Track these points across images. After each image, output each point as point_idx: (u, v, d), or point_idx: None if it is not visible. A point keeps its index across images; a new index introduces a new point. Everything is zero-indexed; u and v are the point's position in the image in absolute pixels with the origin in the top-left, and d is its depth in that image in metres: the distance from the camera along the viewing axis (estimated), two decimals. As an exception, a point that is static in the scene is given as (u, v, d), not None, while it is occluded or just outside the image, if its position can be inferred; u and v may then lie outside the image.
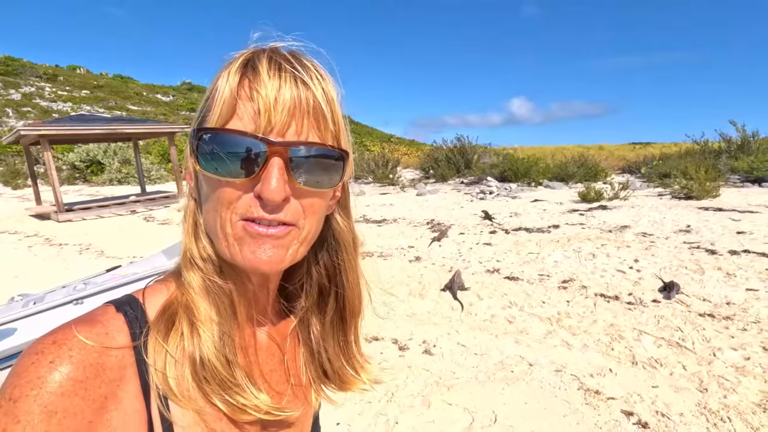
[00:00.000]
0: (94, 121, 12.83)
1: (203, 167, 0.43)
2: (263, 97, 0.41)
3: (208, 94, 0.46)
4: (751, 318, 3.43)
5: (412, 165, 21.80)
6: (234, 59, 0.44)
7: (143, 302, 0.47)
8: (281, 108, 0.41)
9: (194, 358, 0.44)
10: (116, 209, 11.90)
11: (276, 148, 0.41)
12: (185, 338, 0.44)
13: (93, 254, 7.03)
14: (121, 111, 39.74)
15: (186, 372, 0.44)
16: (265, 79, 0.41)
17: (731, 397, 2.45)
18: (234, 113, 0.42)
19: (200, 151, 0.43)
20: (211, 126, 0.43)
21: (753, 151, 13.25)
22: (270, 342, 0.57)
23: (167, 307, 0.47)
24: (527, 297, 4.15)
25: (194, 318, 0.45)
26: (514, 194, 11.59)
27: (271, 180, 0.41)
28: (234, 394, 0.45)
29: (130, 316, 0.44)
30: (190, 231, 0.49)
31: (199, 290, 0.47)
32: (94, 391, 0.38)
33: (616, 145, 33.17)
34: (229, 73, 0.43)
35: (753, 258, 4.93)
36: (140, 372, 0.42)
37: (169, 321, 0.45)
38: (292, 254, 0.46)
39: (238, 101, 0.42)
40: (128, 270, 3.29)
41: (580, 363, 2.90)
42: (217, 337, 0.45)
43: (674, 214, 7.91)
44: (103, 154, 23.34)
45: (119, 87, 49.85)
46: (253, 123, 0.42)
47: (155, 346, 0.43)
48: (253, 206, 0.43)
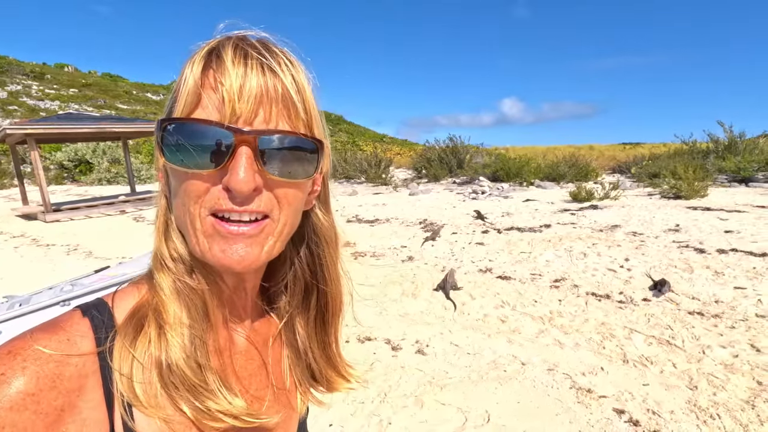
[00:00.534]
0: (83, 120, 12.64)
1: (168, 159, 0.42)
2: (227, 86, 0.40)
3: (174, 87, 0.44)
4: (739, 316, 3.48)
5: (405, 165, 21.83)
6: (199, 49, 0.43)
7: (112, 306, 0.45)
8: (247, 96, 0.40)
9: (161, 363, 0.42)
10: (105, 209, 11.74)
11: (243, 137, 0.40)
12: (152, 342, 0.43)
13: (81, 255, 6.93)
14: (110, 110, 39.26)
15: (153, 378, 0.42)
16: (230, 67, 0.40)
17: (720, 394, 2.47)
18: (198, 103, 0.41)
19: (165, 142, 0.41)
20: (176, 116, 0.41)
21: (740, 152, 13.46)
22: (249, 345, 0.54)
23: (136, 311, 0.45)
24: (519, 296, 4.16)
25: (163, 321, 0.43)
26: (506, 194, 11.65)
27: (239, 170, 0.39)
28: (205, 400, 0.43)
29: (96, 320, 0.42)
30: (160, 230, 0.47)
31: (170, 292, 0.45)
32: (48, 404, 0.36)
33: (606, 145, 33.52)
34: (194, 62, 0.41)
35: (740, 256, 5.01)
36: (104, 379, 0.40)
37: (137, 325, 0.43)
38: (268, 251, 0.44)
39: (202, 91, 0.40)
40: (117, 271, 3.24)
41: (572, 362, 2.91)
42: (187, 341, 0.43)
43: (664, 213, 8.01)
44: (91, 154, 23.02)
45: (108, 85, 49.23)
46: (218, 112, 0.40)
47: (121, 352, 0.41)
48: (222, 198, 0.41)
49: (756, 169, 11.89)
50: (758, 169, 11.96)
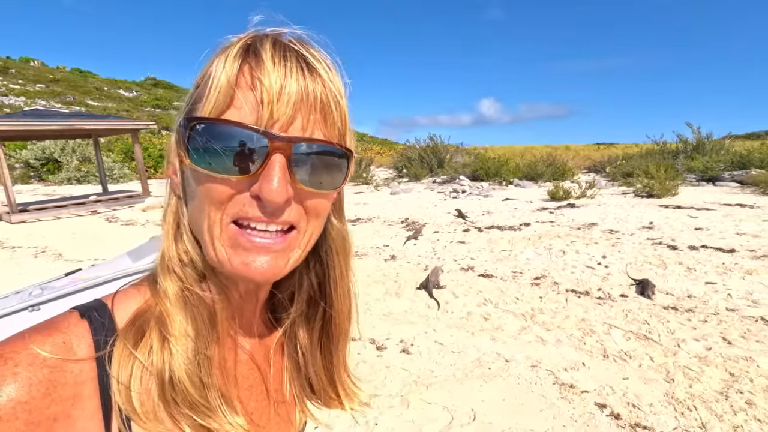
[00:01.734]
0: (51, 117, 12.13)
1: (194, 161, 0.38)
2: (267, 86, 0.37)
3: (199, 81, 0.41)
4: (711, 310, 3.61)
5: (386, 164, 21.84)
6: (231, 43, 0.39)
7: (112, 308, 0.42)
8: (286, 99, 0.37)
9: (163, 376, 0.39)
10: (75, 209, 11.29)
11: (278, 144, 0.37)
12: (154, 353, 0.40)
13: (50, 257, 6.64)
14: (79, 106, 37.86)
15: (153, 390, 0.39)
16: (269, 67, 0.37)
17: (696, 386, 2.55)
18: (231, 103, 0.38)
19: (192, 143, 0.38)
20: (205, 116, 0.38)
21: (707, 152, 14.03)
22: (251, 356, 0.52)
23: (139, 316, 0.42)
24: (501, 294, 4.21)
25: (166, 331, 0.41)
26: (486, 193, 11.79)
27: (273, 179, 0.37)
28: (206, 418, 0.41)
29: (96, 323, 0.39)
30: (170, 232, 0.44)
31: (175, 300, 0.42)
32: (40, 413, 0.34)
33: (581, 145, 34.41)
34: (227, 58, 0.38)
35: (710, 253, 5.20)
36: (102, 387, 0.37)
37: (139, 331, 0.41)
38: (293, 263, 0.42)
39: (237, 90, 0.37)
40: (90, 274, 3.10)
41: (555, 358, 2.96)
42: (192, 355, 0.41)
43: (638, 211, 8.26)
44: (60, 152, 22.13)
45: (77, 81, 47.50)
46: (254, 115, 0.37)
47: (121, 359, 0.39)
48: (248, 206, 0.39)
49: (722, 169, 12.41)
50: (724, 168, 12.48)
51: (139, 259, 3.20)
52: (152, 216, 10.25)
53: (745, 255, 5.03)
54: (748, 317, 3.43)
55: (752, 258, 4.90)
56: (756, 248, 5.26)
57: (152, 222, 9.48)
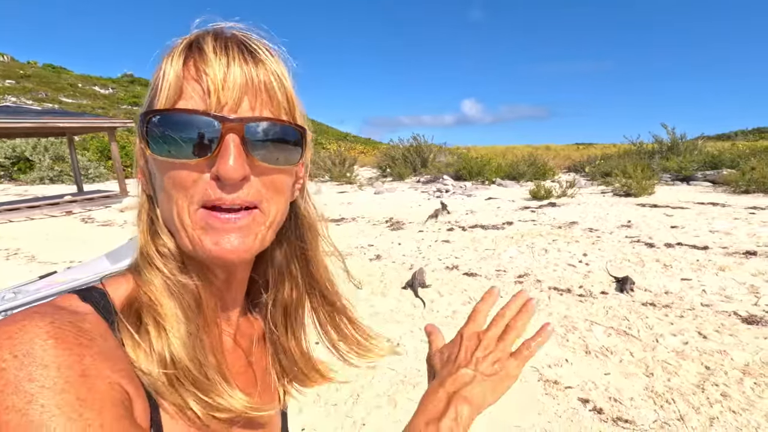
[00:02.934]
0: (22, 114, 11.71)
1: (155, 152, 0.41)
2: (211, 76, 0.40)
3: (152, 82, 0.44)
4: (687, 305, 3.73)
5: (369, 164, 21.82)
6: (177, 43, 0.43)
7: (107, 292, 0.43)
8: (231, 85, 0.40)
9: (164, 358, 0.41)
10: (49, 210, 10.93)
11: (230, 125, 0.40)
12: (152, 338, 0.41)
13: (22, 260, 6.41)
14: (52, 103, 36.64)
15: (156, 371, 0.41)
16: (212, 58, 0.40)
17: (674, 379, 2.63)
18: (181, 95, 0.40)
19: (150, 135, 0.41)
20: (156, 107, 0.41)
21: (681, 152, 14.47)
22: (235, 345, 0.54)
23: (133, 300, 0.43)
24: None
25: (159, 317, 0.42)
26: (470, 192, 11.91)
27: (228, 157, 0.39)
28: (209, 393, 0.43)
29: (99, 304, 0.41)
30: (145, 229, 0.46)
31: (162, 289, 0.44)
32: (95, 335, 0.36)
33: (561, 145, 35.05)
34: (173, 56, 0.41)
35: (686, 250, 5.37)
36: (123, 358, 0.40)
37: (136, 313, 0.42)
38: (260, 240, 0.44)
39: (185, 82, 0.40)
40: (66, 276, 3.00)
41: (538, 354, 3.00)
42: (186, 337, 0.42)
43: (616, 210, 8.46)
44: (32, 150, 21.38)
45: (50, 77, 45.99)
46: (203, 103, 0.40)
47: (130, 337, 0.41)
48: (211, 189, 0.40)
49: (695, 169, 12.83)
50: (697, 168, 12.90)
51: (118, 261, 3.11)
52: (130, 216, 9.91)
53: (718, 252, 5.21)
54: (722, 312, 3.55)
55: (725, 255, 5.08)
56: (728, 245, 5.46)
57: (131, 222, 9.13)
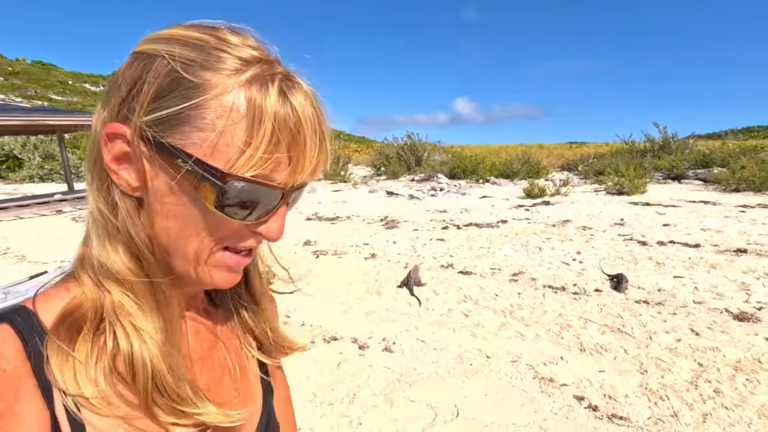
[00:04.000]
0: (11, 111, 11.53)
1: (217, 207, 0.37)
2: (304, 151, 0.37)
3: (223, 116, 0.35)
4: (679, 303, 3.76)
5: (363, 162, 21.78)
6: (264, 78, 0.36)
7: (35, 310, 0.39)
8: (312, 169, 0.39)
9: (132, 361, 0.39)
10: (39, 209, 10.77)
11: (288, 194, 0.40)
12: (122, 344, 0.39)
13: (12, 259, 6.32)
14: (42, 101, 36.17)
15: (100, 378, 0.38)
16: (307, 129, 0.37)
17: (668, 376, 2.66)
18: (275, 163, 0.36)
19: (224, 197, 0.36)
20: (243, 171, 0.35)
21: (673, 151, 14.62)
22: (201, 343, 0.51)
23: (71, 311, 0.39)
24: (481, 291, 4.26)
25: (115, 319, 0.39)
26: (464, 191, 11.93)
27: (280, 223, 0.41)
28: (180, 405, 0.41)
29: (19, 325, 0.37)
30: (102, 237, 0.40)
31: (121, 294, 0.40)
32: None
33: (554, 144, 35.22)
34: (269, 97, 0.35)
35: (678, 248, 5.43)
36: (41, 383, 0.37)
37: (73, 325, 0.39)
38: None
39: (276, 146, 0.36)
40: (56, 276, 2.97)
41: (534, 352, 3.02)
42: (160, 340, 0.40)
43: (609, 208, 8.53)
44: (21, 149, 21.07)
45: (39, 74, 45.36)
46: (285, 176, 0.38)
47: (58, 353, 0.37)
48: (242, 239, 0.41)
49: (687, 168, 12.96)
50: (689, 167, 13.04)
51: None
52: (122, 215, 9.89)
53: (709, 250, 5.27)
54: (714, 309, 3.59)
55: (716, 252, 5.14)
56: (719, 243, 5.52)
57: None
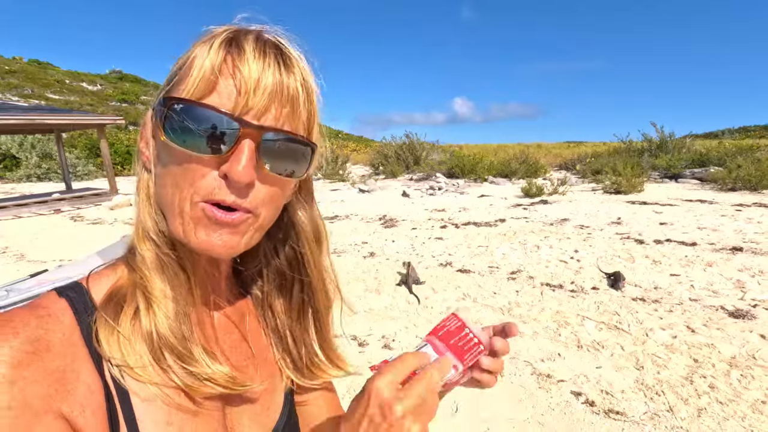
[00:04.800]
0: (8, 111, 11.50)
1: (170, 138, 0.41)
2: (246, 77, 0.40)
3: (180, 64, 0.44)
4: (676, 300, 3.80)
5: (362, 161, 21.79)
6: (215, 34, 0.43)
7: (88, 287, 0.45)
8: (262, 91, 0.41)
9: (151, 334, 0.43)
10: (37, 208, 10.77)
11: (249, 130, 0.41)
12: (141, 315, 0.44)
13: (11, 258, 6.32)
14: (39, 100, 36.05)
15: (142, 351, 0.43)
16: (250, 59, 0.41)
17: (663, 372, 2.69)
18: (212, 89, 0.41)
19: (168, 121, 0.41)
20: (186, 97, 0.41)
21: (670, 150, 14.67)
22: (227, 320, 0.56)
23: (116, 290, 0.45)
24: (479, 289, 4.29)
25: (149, 295, 0.45)
26: (462, 190, 11.96)
27: (241, 160, 0.41)
28: (191, 363, 0.45)
29: (74, 300, 0.43)
30: (143, 203, 0.47)
31: (153, 266, 0.45)
32: (50, 362, 0.38)
33: (552, 143, 35.30)
34: (211, 46, 0.41)
35: (674, 246, 5.47)
36: (92, 353, 0.41)
37: (118, 303, 0.44)
38: (247, 241, 0.46)
39: (219, 77, 0.41)
40: (57, 275, 2.97)
41: (532, 349, 3.05)
42: (172, 311, 0.45)
43: (607, 207, 8.57)
44: (18, 148, 21.01)
45: (36, 73, 45.19)
46: (231, 102, 0.41)
47: (105, 329, 0.42)
48: (217, 188, 0.42)
49: (684, 167, 13.02)
50: (686, 166, 13.10)
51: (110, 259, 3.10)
52: (121, 215, 9.89)
53: (705, 248, 5.31)
54: (710, 306, 3.63)
55: (712, 251, 5.18)
56: (715, 241, 5.57)
57: (121, 221, 9.15)
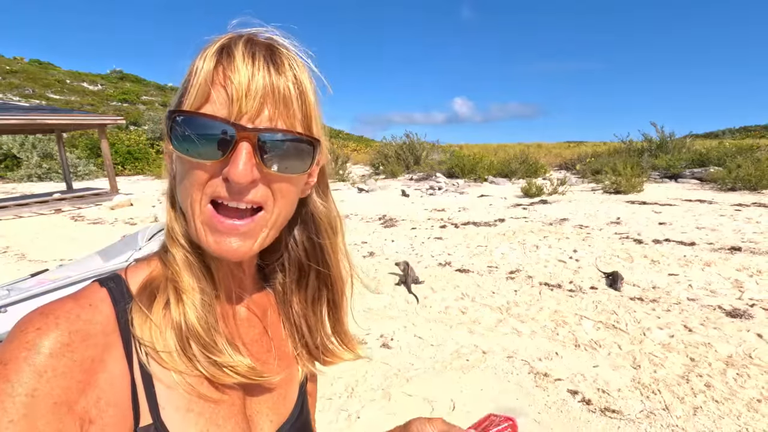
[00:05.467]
0: (9, 110, 11.52)
1: (176, 148, 0.45)
2: (236, 84, 0.43)
3: (185, 78, 0.47)
4: (673, 300, 3.81)
5: (362, 161, 21.80)
6: (211, 43, 0.45)
7: (126, 278, 0.49)
8: (253, 95, 0.43)
9: (180, 324, 0.46)
10: (38, 208, 10.79)
11: (245, 134, 0.43)
12: (171, 307, 0.47)
13: (12, 258, 6.34)
14: (40, 100, 36.09)
15: (169, 339, 0.47)
16: (239, 66, 0.43)
17: (660, 371, 2.71)
18: (208, 98, 0.44)
19: (173, 132, 0.45)
20: (186, 109, 0.44)
21: (670, 150, 14.67)
22: (250, 314, 0.59)
23: (150, 282, 0.49)
24: (478, 288, 4.31)
25: (179, 288, 0.48)
26: (462, 190, 11.97)
27: (239, 162, 0.43)
28: (215, 353, 0.48)
29: (113, 290, 0.47)
30: (170, 207, 0.51)
31: (182, 264, 0.49)
32: (82, 353, 0.41)
33: (553, 143, 35.26)
34: (205, 57, 0.44)
35: (673, 246, 5.48)
36: (124, 339, 0.45)
37: (151, 294, 0.48)
38: (260, 242, 0.48)
39: (212, 87, 0.43)
40: (58, 274, 3.00)
41: (530, 348, 3.07)
42: (199, 305, 0.48)
43: (606, 207, 8.58)
44: (19, 148, 21.03)
45: (37, 73, 45.24)
46: (226, 108, 0.43)
47: (139, 316, 0.46)
48: (221, 188, 0.45)
49: (683, 167, 13.02)
50: (685, 166, 13.10)
51: (111, 259, 3.10)
52: (121, 214, 9.91)
53: (704, 248, 5.32)
54: (707, 306, 3.64)
55: (710, 250, 5.19)
56: (714, 241, 5.58)
57: (121, 221, 9.17)
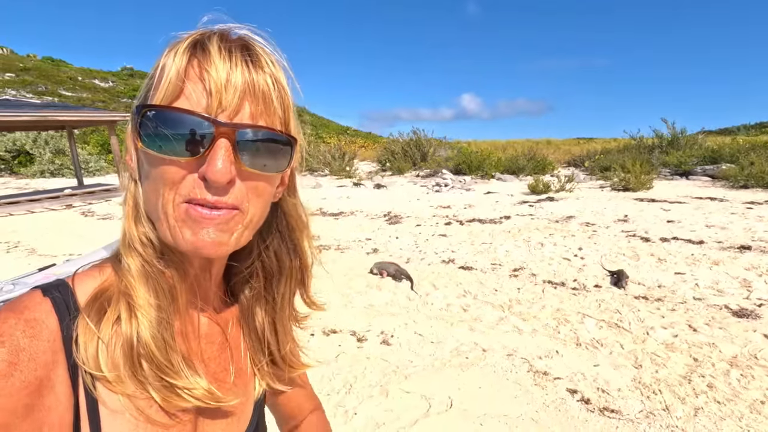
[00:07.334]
0: (22, 107, 11.71)
1: (146, 145, 0.42)
2: (214, 78, 0.41)
3: (151, 73, 0.44)
4: (679, 299, 3.76)
5: (369, 158, 21.79)
6: (181, 39, 0.43)
7: (73, 287, 0.45)
8: (232, 90, 0.41)
9: (131, 342, 0.43)
10: (49, 203, 10.97)
11: (223, 130, 0.41)
12: (122, 323, 0.44)
13: (22, 252, 6.46)
14: (52, 97, 36.58)
15: (118, 357, 0.43)
16: (216, 59, 0.41)
17: (662, 371, 2.67)
18: (181, 93, 0.41)
19: (143, 128, 0.42)
20: (156, 103, 0.41)
21: (681, 147, 14.43)
22: (211, 330, 0.56)
23: (101, 293, 0.45)
24: (481, 286, 4.29)
25: (133, 303, 0.44)
26: (469, 186, 11.91)
27: (217, 161, 0.41)
28: (171, 375, 0.45)
29: (57, 300, 0.43)
30: (130, 214, 0.47)
31: (138, 275, 0.45)
32: (29, 373, 0.38)
33: (562, 139, 34.86)
34: (176, 52, 0.42)
35: (681, 244, 5.40)
36: (68, 356, 0.42)
37: (101, 307, 0.44)
38: (236, 238, 0.45)
39: (186, 81, 0.41)
40: (64, 269, 3.03)
41: (530, 346, 3.05)
42: (155, 322, 0.45)
43: (614, 204, 8.48)
44: (32, 144, 21.39)
45: (50, 70, 45.86)
46: (203, 104, 0.41)
47: (85, 331, 0.42)
48: (197, 188, 0.42)
49: (695, 164, 12.80)
50: (697, 163, 12.88)
51: (116, 254, 3.15)
52: (130, 210, 10.03)
53: (713, 246, 5.24)
54: (713, 305, 3.59)
55: (719, 249, 5.11)
56: (723, 240, 5.49)
57: (130, 216, 9.28)
